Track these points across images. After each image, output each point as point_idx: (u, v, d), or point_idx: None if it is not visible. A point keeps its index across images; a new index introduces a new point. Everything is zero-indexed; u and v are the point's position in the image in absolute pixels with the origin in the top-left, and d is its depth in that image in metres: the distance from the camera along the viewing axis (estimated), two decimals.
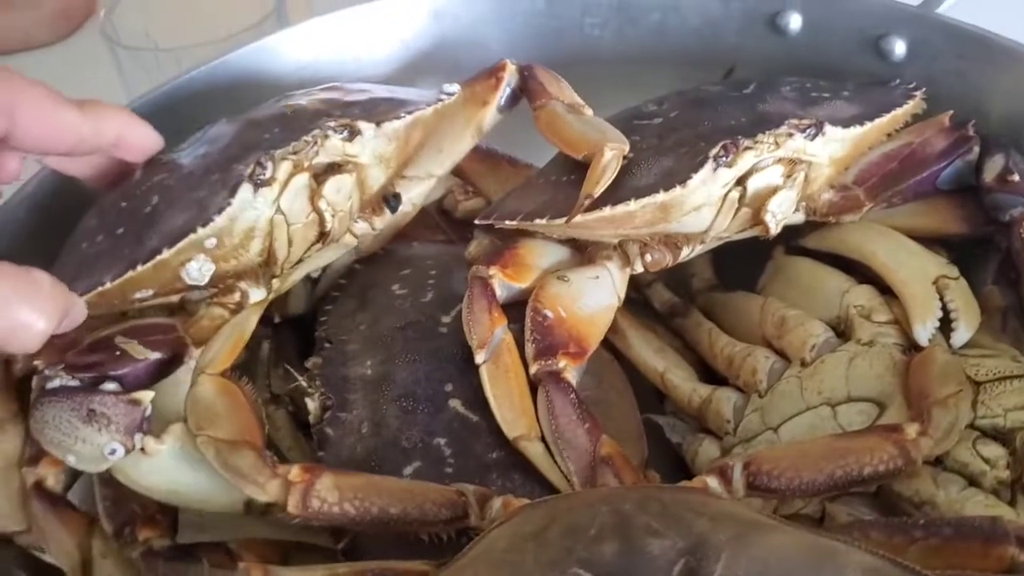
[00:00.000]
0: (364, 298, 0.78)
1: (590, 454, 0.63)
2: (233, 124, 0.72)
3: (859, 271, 0.76)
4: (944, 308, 0.70)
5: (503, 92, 0.78)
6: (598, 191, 0.67)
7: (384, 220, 0.78)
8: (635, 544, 0.49)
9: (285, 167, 0.67)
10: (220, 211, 0.65)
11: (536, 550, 0.50)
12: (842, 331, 0.73)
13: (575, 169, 0.73)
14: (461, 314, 0.71)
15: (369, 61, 0.95)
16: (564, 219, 0.69)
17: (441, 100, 0.76)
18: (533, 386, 0.67)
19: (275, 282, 0.72)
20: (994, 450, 0.63)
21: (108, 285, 0.65)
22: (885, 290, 0.74)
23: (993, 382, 0.66)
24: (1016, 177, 0.74)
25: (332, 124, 0.69)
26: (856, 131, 0.72)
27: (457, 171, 0.86)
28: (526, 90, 0.78)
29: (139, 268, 0.65)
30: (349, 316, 0.77)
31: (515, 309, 0.70)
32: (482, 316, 0.69)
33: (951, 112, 0.79)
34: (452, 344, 0.71)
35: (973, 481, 0.62)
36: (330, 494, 0.58)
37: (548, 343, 0.68)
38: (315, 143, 0.68)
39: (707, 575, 0.47)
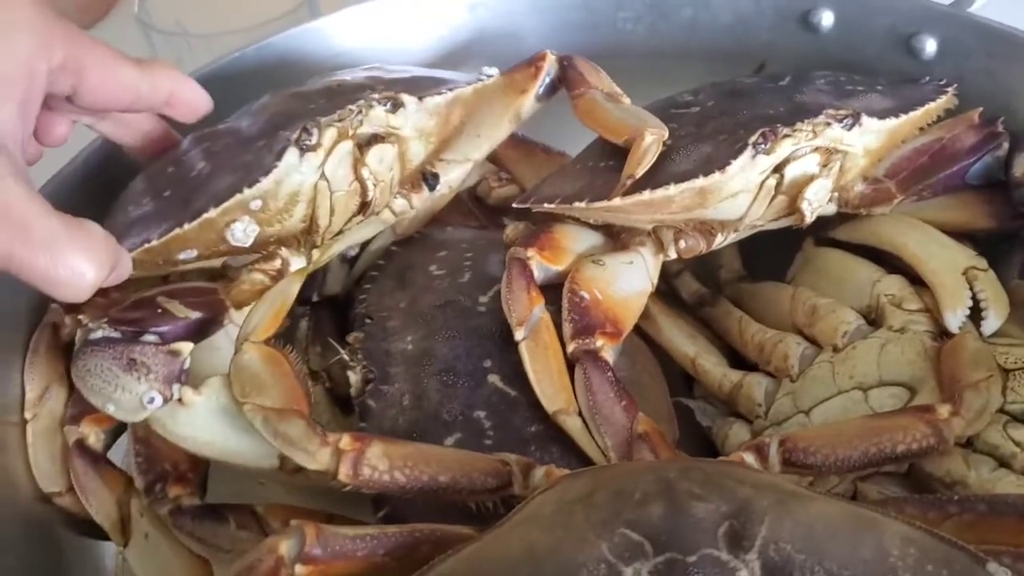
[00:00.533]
0: (403, 278, 0.79)
1: (627, 430, 0.65)
2: (278, 96, 0.75)
3: (888, 263, 0.78)
4: (974, 298, 0.72)
5: (542, 81, 0.80)
6: (640, 172, 0.68)
7: (422, 198, 0.79)
8: (680, 507, 0.50)
9: (330, 134, 0.68)
10: (266, 173, 0.67)
11: (586, 511, 0.51)
12: (872, 320, 0.75)
13: (612, 155, 0.75)
14: (498, 294, 0.72)
15: (403, 51, 0.95)
16: (602, 202, 0.71)
17: (481, 80, 0.78)
18: (570, 365, 0.68)
19: (315, 252, 0.74)
20: None
21: (154, 242, 0.66)
22: (915, 281, 0.75)
23: (1021, 370, 0.67)
24: None
25: (376, 96, 0.71)
26: (891, 123, 0.74)
27: (492, 157, 0.88)
28: (565, 79, 0.79)
29: (185, 226, 0.66)
30: (388, 294, 0.78)
31: (550, 292, 0.72)
32: (521, 295, 0.70)
33: (981, 109, 0.80)
34: (491, 322, 0.73)
35: (1003, 463, 0.63)
36: (380, 462, 0.59)
37: (585, 323, 0.69)
38: (360, 112, 0.69)
39: (752, 536, 0.48)
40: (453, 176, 0.81)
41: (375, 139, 0.71)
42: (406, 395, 0.69)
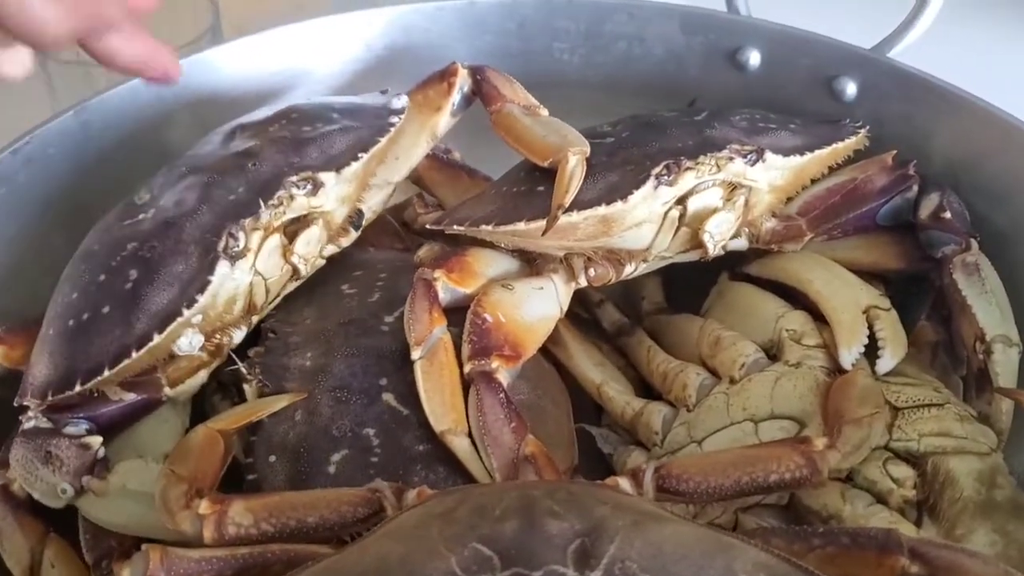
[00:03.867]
0: (313, 295, 0.80)
1: (513, 451, 0.65)
2: (193, 178, 0.73)
3: (799, 300, 0.78)
4: (873, 337, 0.72)
5: (455, 96, 0.81)
6: (568, 199, 0.69)
7: (350, 238, 0.79)
8: (535, 523, 0.50)
9: (256, 236, 0.70)
10: (202, 290, 0.67)
11: (442, 526, 0.51)
12: (774, 354, 0.75)
13: (527, 180, 0.76)
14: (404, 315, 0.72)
15: (330, 73, 0.96)
16: (508, 226, 0.72)
17: (392, 125, 0.77)
18: (466, 386, 0.69)
19: (254, 319, 0.75)
20: (903, 471, 0.65)
21: (107, 374, 0.67)
22: (820, 318, 0.76)
23: (912, 408, 0.68)
24: (948, 215, 0.76)
25: (294, 179, 0.71)
26: (796, 160, 0.75)
27: (417, 180, 0.89)
28: (480, 93, 0.80)
29: (134, 355, 0.67)
30: (297, 311, 0.78)
31: (458, 314, 0.72)
32: (422, 315, 0.71)
33: (895, 151, 0.82)
34: (392, 342, 0.73)
35: (880, 499, 0.64)
36: (244, 518, 0.59)
37: (483, 344, 0.69)
38: (281, 204, 0.70)
39: (600, 554, 0.49)
40: (375, 201, 0.81)
41: (299, 220, 0.73)
42: (298, 410, 0.69)
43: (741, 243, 0.79)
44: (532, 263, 0.79)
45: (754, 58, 0.92)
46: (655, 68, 0.96)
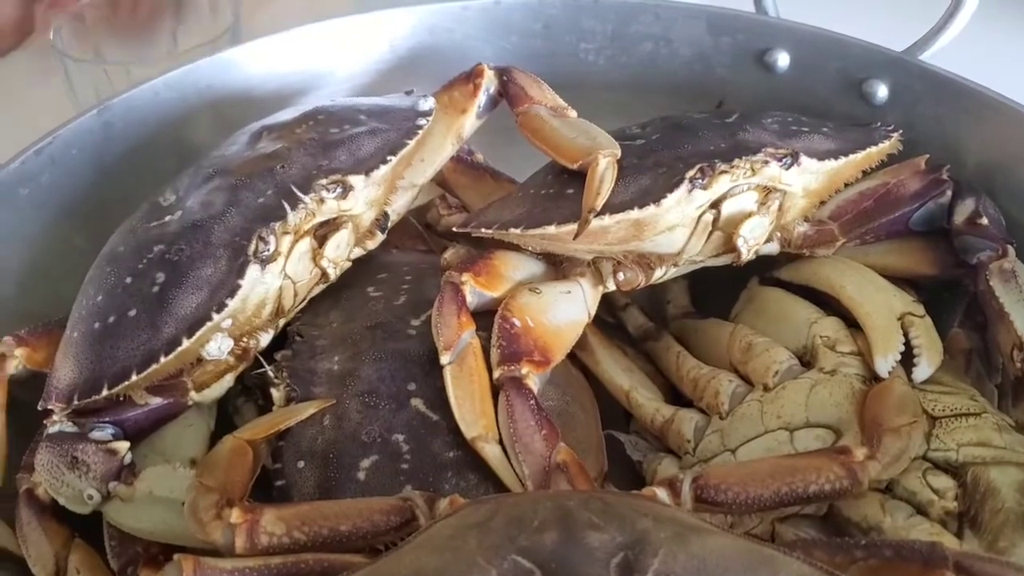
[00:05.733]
0: (339, 297, 0.79)
1: (545, 459, 0.64)
2: (220, 180, 0.72)
3: (831, 305, 0.77)
4: (908, 344, 0.71)
5: (481, 98, 0.80)
6: (600, 202, 0.68)
7: (376, 241, 0.78)
8: (576, 536, 0.49)
9: (287, 240, 0.69)
10: (232, 294, 0.67)
11: (479, 536, 0.50)
12: (807, 360, 0.74)
13: (555, 182, 0.75)
14: (431, 318, 0.71)
15: (353, 74, 0.96)
16: (537, 229, 0.71)
17: (420, 127, 0.77)
18: (495, 391, 0.68)
19: (281, 322, 0.74)
20: (944, 482, 0.63)
21: (135, 378, 0.66)
22: (853, 324, 0.75)
23: (949, 418, 0.67)
24: (985, 221, 0.75)
25: (324, 182, 0.70)
26: (830, 165, 0.74)
27: (441, 182, 0.88)
28: (506, 95, 0.79)
29: (162, 360, 0.66)
30: (323, 314, 0.77)
31: (485, 318, 0.71)
32: (451, 319, 0.70)
33: (927, 156, 0.80)
34: (419, 346, 0.72)
35: (921, 510, 0.63)
36: (276, 527, 0.58)
37: (513, 349, 0.68)
38: (311, 209, 0.70)
39: (644, 568, 0.48)
40: (400, 203, 0.81)
41: (328, 224, 0.72)
42: (326, 415, 0.69)
43: (773, 247, 0.78)
44: (558, 266, 0.78)
45: (782, 59, 0.91)
46: (682, 69, 0.95)
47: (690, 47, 0.94)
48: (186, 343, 0.66)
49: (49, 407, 0.68)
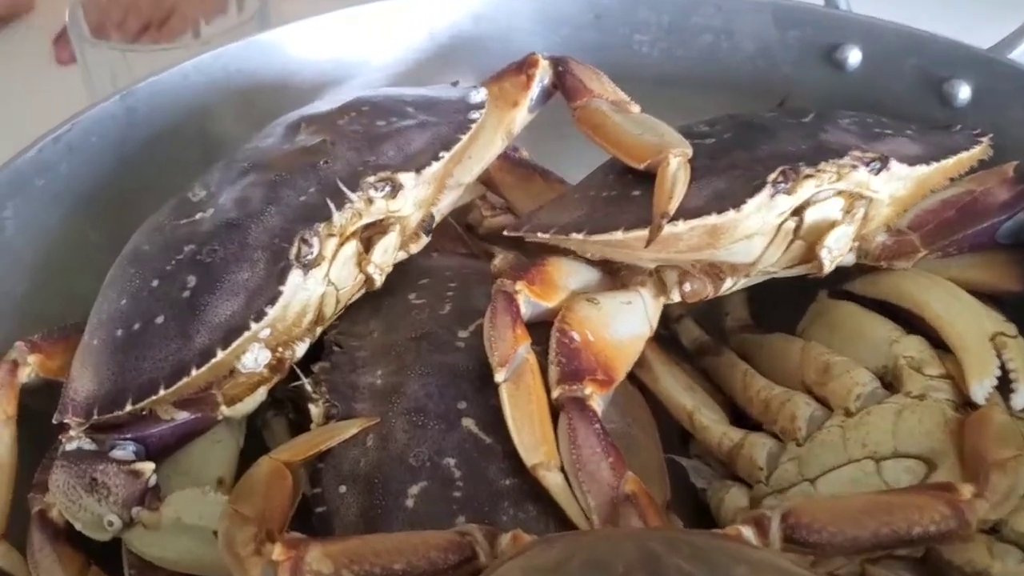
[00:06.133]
0: (379, 304, 0.73)
1: (613, 489, 0.58)
2: (256, 175, 0.66)
3: (905, 322, 0.71)
4: (1001, 367, 0.65)
5: (534, 90, 0.74)
6: (673, 207, 0.62)
7: (420, 244, 0.73)
8: None
9: (331, 243, 0.63)
10: (272, 301, 0.61)
11: None
12: (888, 383, 0.68)
13: (618, 183, 0.69)
14: (480, 329, 0.66)
15: (389, 62, 0.90)
16: (603, 235, 0.65)
17: (473, 121, 0.71)
18: (554, 412, 0.62)
19: (319, 330, 0.69)
20: None
21: (163, 392, 0.61)
22: (935, 344, 0.69)
23: None
24: None
25: (372, 180, 0.64)
26: (921, 171, 0.68)
27: (486, 180, 0.82)
28: (562, 87, 0.73)
29: (194, 373, 0.61)
30: (362, 322, 0.72)
31: (538, 330, 0.66)
32: (505, 332, 0.64)
33: (1016, 163, 0.74)
34: (469, 360, 0.67)
35: None
36: (323, 565, 0.51)
37: (574, 367, 0.63)
38: (358, 209, 0.64)
39: None
40: (444, 204, 0.75)
41: (375, 226, 0.66)
42: (370, 435, 0.63)
43: (850, 258, 0.72)
44: (615, 274, 0.72)
45: (853, 56, 0.85)
46: (743, 65, 0.89)
47: (753, 41, 0.88)
48: (221, 354, 0.60)
49: (65, 420, 0.62)
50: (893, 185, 0.67)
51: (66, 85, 1.09)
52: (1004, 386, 0.65)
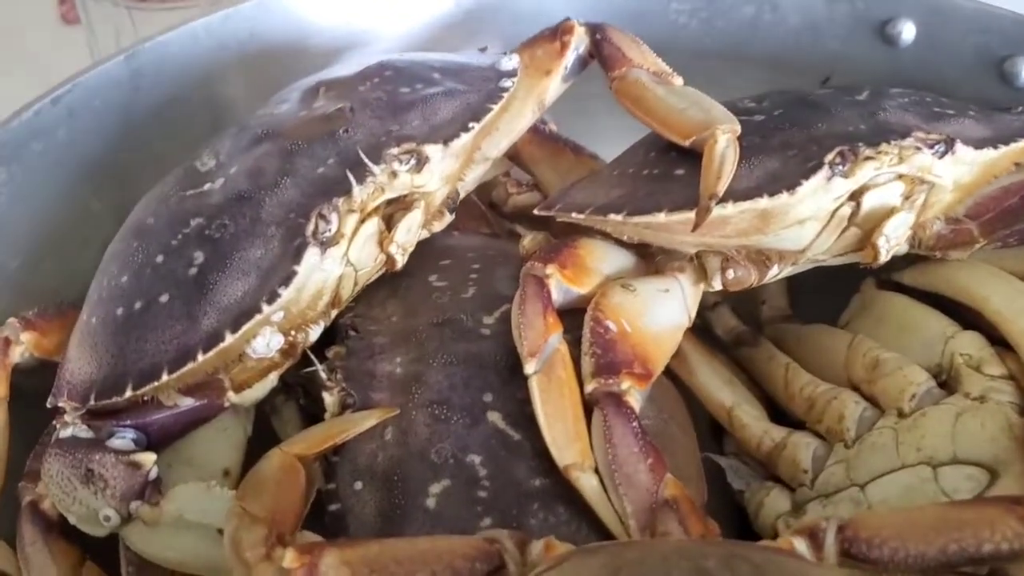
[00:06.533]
0: (396, 286, 0.68)
1: (652, 494, 0.54)
2: (270, 144, 0.62)
3: (957, 315, 0.67)
4: None
5: (569, 58, 0.69)
6: (722, 187, 0.58)
7: (444, 222, 0.69)
8: None
9: (351, 220, 0.59)
10: (286, 282, 0.57)
11: None
12: (943, 382, 0.64)
13: (660, 160, 0.65)
14: (507, 316, 0.62)
15: (412, 28, 0.85)
16: (644, 216, 0.61)
17: (505, 90, 0.67)
18: (587, 407, 0.58)
19: (334, 312, 0.64)
20: None
21: (166, 378, 0.57)
22: (992, 340, 0.64)
23: None
24: None
25: (395, 151, 0.60)
26: (988, 154, 0.64)
27: (513, 156, 0.77)
28: (600, 56, 0.69)
29: (200, 358, 0.57)
30: (379, 305, 0.67)
31: (569, 318, 0.61)
32: (535, 320, 0.60)
33: None
34: (496, 349, 0.62)
35: None
36: (340, 573, 0.47)
37: (610, 359, 0.58)
38: (380, 183, 0.59)
39: None
40: (469, 180, 0.71)
41: (398, 201, 0.62)
42: (389, 427, 0.59)
43: (903, 247, 0.67)
44: (651, 259, 0.68)
45: (907, 31, 0.80)
46: (787, 38, 0.84)
47: (799, 14, 0.83)
48: (230, 339, 0.56)
49: (60, 404, 0.58)
50: (958, 170, 0.63)
51: (74, 46, 1.04)
52: None
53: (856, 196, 0.61)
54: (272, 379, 0.62)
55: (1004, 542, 0.50)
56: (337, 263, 0.59)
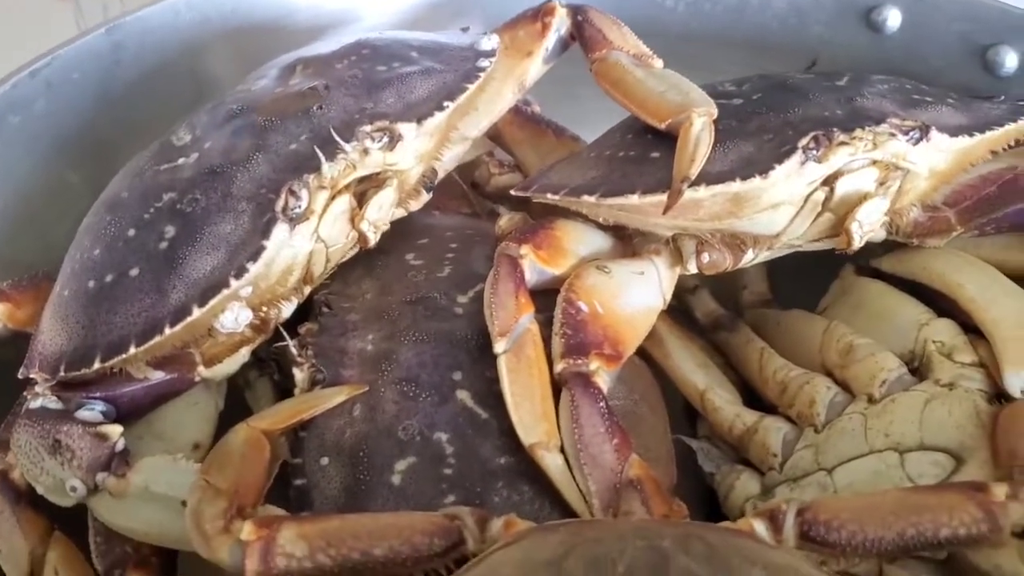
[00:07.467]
0: (373, 264, 0.69)
1: (616, 474, 0.55)
2: (244, 119, 0.62)
3: (933, 302, 0.67)
4: None
5: (550, 39, 0.69)
6: (695, 170, 0.58)
7: (421, 201, 0.69)
8: None
9: (322, 197, 0.59)
10: (255, 257, 0.57)
11: None
12: (915, 369, 0.64)
13: (637, 143, 0.65)
14: (481, 296, 0.62)
15: (397, 7, 0.85)
16: (618, 198, 0.61)
17: (481, 70, 0.67)
18: (556, 387, 0.58)
19: (307, 289, 0.64)
20: None
21: (133, 351, 0.57)
22: (967, 328, 0.64)
23: None
24: None
25: (368, 129, 0.60)
26: (963, 142, 0.63)
27: (494, 136, 0.77)
28: (580, 38, 0.69)
29: (167, 332, 0.57)
30: (354, 282, 0.68)
31: (542, 298, 0.62)
32: (507, 299, 0.60)
33: None
34: (467, 328, 0.63)
35: None
36: (296, 547, 0.48)
37: (580, 340, 0.59)
38: (352, 160, 0.59)
39: None
40: (448, 159, 0.71)
41: (370, 179, 0.62)
42: (357, 404, 0.59)
43: (880, 234, 0.68)
44: (628, 241, 0.68)
45: (893, 18, 0.80)
46: (773, 23, 0.84)
47: None
48: (197, 312, 0.56)
49: (31, 375, 0.58)
50: (932, 157, 0.63)
51: (62, 24, 1.04)
52: None
53: (830, 181, 0.61)
54: (244, 354, 0.62)
55: (962, 527, 0.50)
56: (307, 239, 0.59)
